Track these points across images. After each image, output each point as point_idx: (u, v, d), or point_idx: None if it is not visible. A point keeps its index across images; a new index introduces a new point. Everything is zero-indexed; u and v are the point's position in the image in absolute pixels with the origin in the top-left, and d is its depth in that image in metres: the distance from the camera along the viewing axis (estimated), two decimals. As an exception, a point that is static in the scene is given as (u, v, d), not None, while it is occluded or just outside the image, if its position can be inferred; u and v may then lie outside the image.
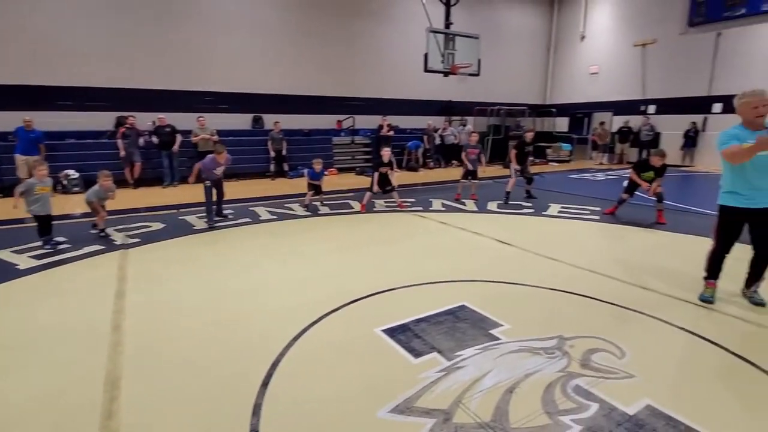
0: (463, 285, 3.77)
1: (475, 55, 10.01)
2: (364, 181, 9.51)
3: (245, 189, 8.98)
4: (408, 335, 2.83)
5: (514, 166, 7.76)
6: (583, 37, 16.41)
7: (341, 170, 12.09)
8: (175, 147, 9.45)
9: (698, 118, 13.53)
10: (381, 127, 12.35)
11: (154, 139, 9.50)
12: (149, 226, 5.92)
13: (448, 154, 13.69)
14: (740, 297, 3.45)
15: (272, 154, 10.88)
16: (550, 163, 14.88)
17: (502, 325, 2.98)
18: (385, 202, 7.61)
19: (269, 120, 11.66)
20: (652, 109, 14.67)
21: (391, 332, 2.87)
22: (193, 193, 5.84)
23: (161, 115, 9.66)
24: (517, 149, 7.80)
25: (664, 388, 2.28)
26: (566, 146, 15.62)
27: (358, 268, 4.29)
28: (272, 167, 10.97)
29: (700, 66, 13.32)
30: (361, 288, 3.64)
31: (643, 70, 14.73)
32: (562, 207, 7.27)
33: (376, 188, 7.04)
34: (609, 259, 4.55)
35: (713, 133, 13.10)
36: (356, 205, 7.35)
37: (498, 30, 15.68)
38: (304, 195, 7.36)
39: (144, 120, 9.84)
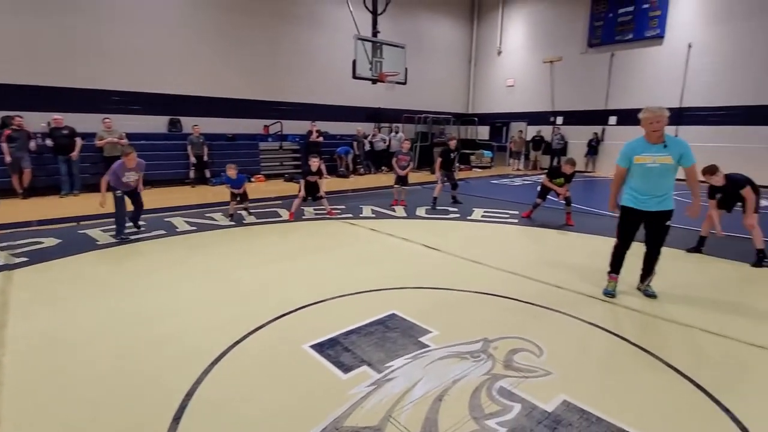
0: (392, 293, 3.77)
1: (402, 64, 10.24)
2: (292, 188, 9.26)
3: (161, 197, 8.26)
4: (337, 349, 2.75)
5: (439, 172, 8.03)
6: (500, 52, 17.59)
7: (269, 177, 11.65)
8: (75, 152, 8.43)
9: (599, 129, 15.09)
10: (310, 132, 12.13)
11: (48, 143, 8.40)
12: (41, 242, 5.19)
13: (377, 160, 13.82)
14: (638, 291, 3.86)
15: (192, 159, 10.16)
16: (474, 169, 15.67)
17: (430, 332, 3.01)
18: (315, 209, 7.45)
19: (188, 123, 10.91)
20: (560, 120, 16.09)
21: (320, 347, 2.77)
22: (96, 203, 5.23)
23: (57, 115, 8.58)
24: (441, 156, 8.08)
25: (577, 383, 2.44)
26: (488, 153, 16.58)
27: (284, 280, 4.11)
28: (192, 174, 10.25)
29: (598, 82, 14.89)
30: (287, 302, 3.49)
31: (551, 84, 16.12)
32: (485, 211, 7.66)
33: (302, 193, 6.86)
34: (527, 260, 4.85)
35: (611, 143, 14.71)
36: (284, 214, 7.10)
37: (423, 41, 16.23)
38: (228, 203, 6.95)
39: (36, 121, 8.67)
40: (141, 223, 5.95)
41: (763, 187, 5.45)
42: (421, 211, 7.61)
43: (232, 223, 6.49)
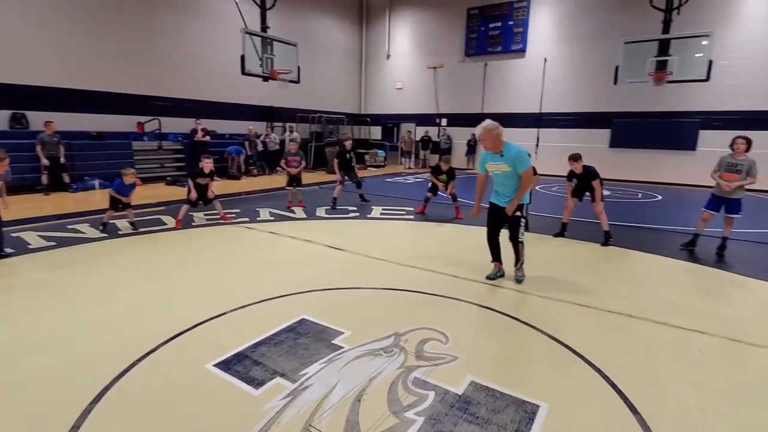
0: (300, 297, 3.67)
1: (294, 62, 10.00)
2: (176, 193, 8.43)
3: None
4: (246, 364, 2.59)
5: (340, 173, 8.05)
6: (388, 56, 18.29)
7: (146, 180, 10.39)
8: None
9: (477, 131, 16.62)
10: (195, 131, 11.14)
11: None
12: None
13: (272, 160, 13.32)
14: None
15: (45, 162, 8.54)
16: (369, 168, 16.05)
17: (342, 333, 3.01)
18: (206, 215, 6.88)
19: (38, 119, 9.18)
20: (444, 122, 17.35)
21: (225, 365, 2.57)
22: None
23: None
24: (338, 157, 8.11)
25: (480, 363, 2.67)
26: (381, 152, 17.13)
27: (176, 295, 3.73)
28: (45, 179, 8.64)
29: (475, 88, 16.42)
30: (181, 320, 3.16)
31: (435, 88, 17.29)
32: (384, 209, 7.90)
33: (193, 195, 6.26)
34: (426, 254, 5.12)
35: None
36: (170, 221, 6.42)
37: (315, 41, 16.08)
38: (94, 212, 6.03)
39: None
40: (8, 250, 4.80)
41: (606, 180, 6.58)
42: (321, 212, 7.54)
43: (105, 234, 5.65)
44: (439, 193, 7.59)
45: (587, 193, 5.93)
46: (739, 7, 12.02)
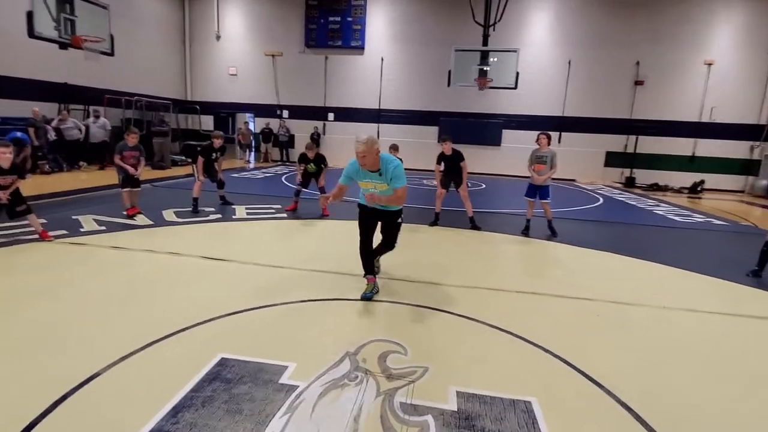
0: (200, 330, 2.85)
1: (105, 29, 7.87)
2: None
3: None
4: (178, 443, 1.82)
5: (200, 172, 6.73)
6: (218, 37, 16.35)
7: None
8: None
9: (320, 124, 16.47)
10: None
11: None
12: None
13: (72, 153, 10.38)
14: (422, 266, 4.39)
15: None
16: (204, 163, 14.14)
17: (286, 367, 2.44)
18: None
19: None
20: (286, 113, 16.60)
21: (145, 451, 1.76)
22: None
23: None
24: (203, 155, 6.80)
25: (450, 368, 2.51)
26: (217, 145, 15.30)
27: (7, 361, 2.44)
28: None
29: (317, 81, 16.18)
30: (34, 398, 2.06)
31: (275, 78, 16.34)
32: (247, 208, 7.01)
33: None
34: (319, 254, 4.69)
35: (331, 137, 16.32)
36: (-76, 245, 4.26)
37: (130, 6, 13.11)
38: None
39: None
40: None
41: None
42: (169, 216, 6.20)
43: None
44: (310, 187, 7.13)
45: (452, 184, 6.45)
46: (532, 31, 14.94)
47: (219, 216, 6.41)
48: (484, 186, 12.55)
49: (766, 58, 13.97)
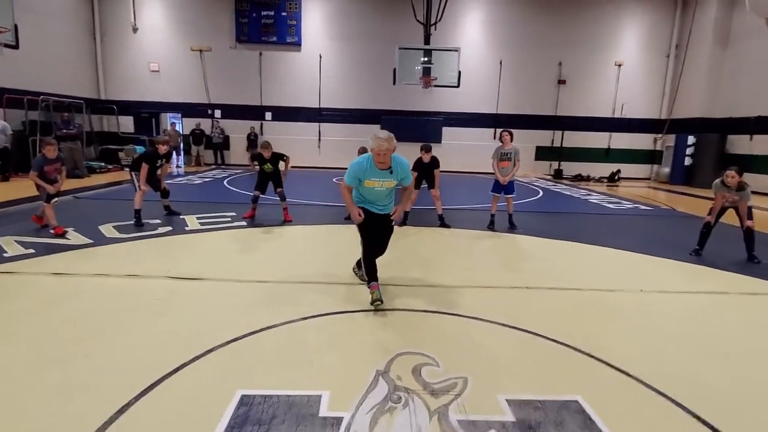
0: (200, 367, 2.47)
1: (8, 17, 6.67)
2: None
3: None
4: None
5: (142, 181, 5.97)
6: (135, 29, 14.77)
7: None
8: None
9: (257, 124, 15.63)
10: None
11: None
12: None
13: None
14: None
15: None
16: (126, 169, 12.73)
17: (320, 395, 2.19)
18: None
19: None
20: (218, 113, 15.52)
21: None
22: None
23: None
24: (148, 162, 6.03)
25: (489, 375, 2.43)
26: (140, 149, 13.81)
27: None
28: None
29: (252, 78, 15.32)
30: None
31: (204, 75, 15.18)
32: (199, 218, 6.39)
33: None
34: (300, 263, 4.39)
35: (269, 137, 15.52)
36: None
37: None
38: None
39: None
40: None
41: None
42: (110, 231, 5.44)
43: None
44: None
45: (423, 183, 6.46)
46: (468, 31, 15.43)
47: (169, 228, 5.76)
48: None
49: (665, 61, 15.83)
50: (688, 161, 14.49)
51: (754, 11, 12.60)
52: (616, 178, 15.40)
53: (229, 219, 6.48)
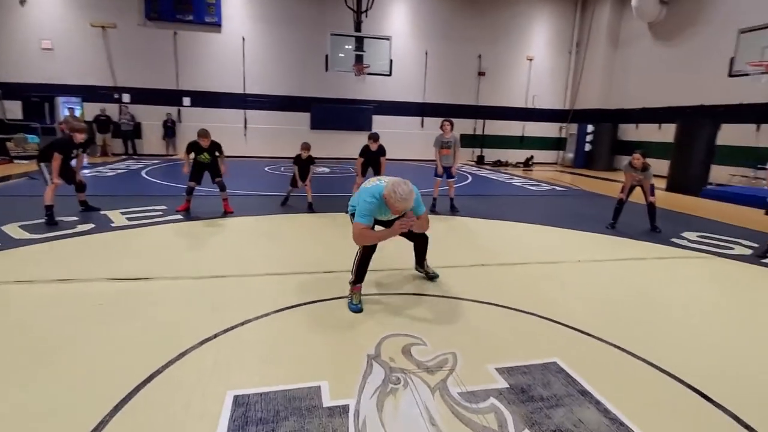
0: (176, 371, 2.27)
1: None
2: None
3: None
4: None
5: (54, 174, 5.16)
6: (23, 2, 12.60)
7: None
8: None
9: (174, 110, 14.36)
10: None
11: None
12: None
13: None
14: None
15: None
16: (16, 161, 11.00)
17: (318, 387, 2.14)
18: None
19: None
20: (126, 97, 13.97)
21: None
22: None
23: None
24: (62, 151, 5.20)
25: (474, 348, 2.56)
26: (33, 138, 12.03)
27: None
28: None
29: (166, 60, 13.99)
30: None
31: (108, 55, 13.51)
32: (124, 213, 5.76)
33: None
34: (252, 257, 4.19)
35: (189, 124, 14.39)
36: None
37: None
38: None
39: None
40: None
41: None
42: (16, 232, 4.69)
43: None
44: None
45: (370, 170, 6.54)
46: (397, 21, 15.52)
47: (91, 226, 5.12)
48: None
49: (567, 57, 17.46)
50: (588, 147, 16.23)
51: (639, 17, 14.45)
52: (530, 163, 16.80)
53: (161, 213, 5.94)
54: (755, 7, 10.67)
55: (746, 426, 1.96)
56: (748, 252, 5.05)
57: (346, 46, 11.13)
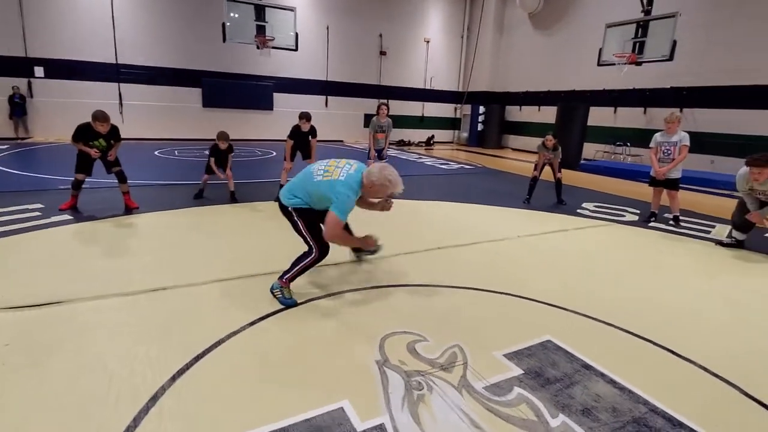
0: (169, 401, 1.84)
1: None
2: None
3: None
4: None
5: None
6: None
7: None
8: None
9: (22, 82, 11.63)
10: None
11: None
12: None
13: None
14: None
15: None
16: None
17: (341, 407, 1.91)
18: None
19: None
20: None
21: None
22: None
23: None
24: None
25: (478, 338, 2.55)
26: None
27: None
28: None
29: (9, 21, 11.19)
30: None
31: None
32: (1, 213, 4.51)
33: None
34: (189, 261, 3.63)
35: (43, 100, 11.88)
36: None
37: None
38: None
39: None
40: None
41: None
42: None
43: None
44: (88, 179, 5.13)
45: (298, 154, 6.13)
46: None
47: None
48: (274, 153, 12.02)
49: (460, 41, 18.41)
50: (480, 127, 17.54)
51: (521, 7, 15.79)
52: (431, 142, 17.56)
53: (39, 213, 4.77)
54: (620, 3, 12.38)
55: (655, 344, 2.30)
56: (635, 218, 5.96)
57: (265, 16, 10.09)
